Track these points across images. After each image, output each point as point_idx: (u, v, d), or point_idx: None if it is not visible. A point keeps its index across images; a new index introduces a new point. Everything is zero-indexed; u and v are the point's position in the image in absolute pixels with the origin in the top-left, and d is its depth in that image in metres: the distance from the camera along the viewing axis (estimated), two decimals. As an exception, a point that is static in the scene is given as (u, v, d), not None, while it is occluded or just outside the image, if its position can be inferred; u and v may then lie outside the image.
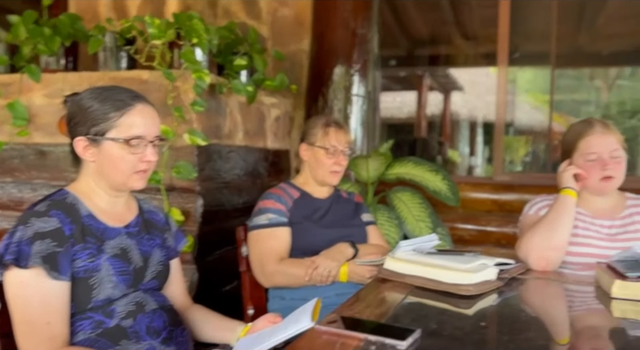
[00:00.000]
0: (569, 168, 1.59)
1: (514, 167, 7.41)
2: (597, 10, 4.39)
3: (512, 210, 2.34)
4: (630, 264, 1.29)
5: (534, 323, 1.09)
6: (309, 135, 1.83)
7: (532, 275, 1.45)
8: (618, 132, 1.58)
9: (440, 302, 1.16)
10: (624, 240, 1.54)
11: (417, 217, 2.17)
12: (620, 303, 1.19)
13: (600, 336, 1.03)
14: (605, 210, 1.61)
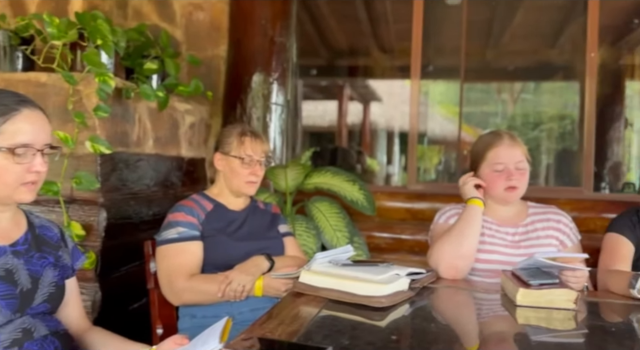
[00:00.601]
0: (470, 180, 1.65)
1: (428, 176, 7.71)
2: (503, 28, 4.69)
3: (425, 218, 2.40)
4: (532, 272, 1.35)
5: (444, 333, 1.10)
6: (224, 144, 1.76)
7: (442, 284, 1.49)
8: (523, 145, 1.67)
9: (354, 315, 1.15)
10: (527, 247, 1.61)
11: (334, 227, 2.16)
12: (523, 310, 1.24)
13: (506, 342, 1.06)
14: (509, 218, 1.68)
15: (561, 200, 2.29)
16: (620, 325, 1.22)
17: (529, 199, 1.74)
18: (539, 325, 1.18)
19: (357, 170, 5.81)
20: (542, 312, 1.22)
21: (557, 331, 1.15)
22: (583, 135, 2.53)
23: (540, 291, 1.24)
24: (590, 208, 2.39)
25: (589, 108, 2.52)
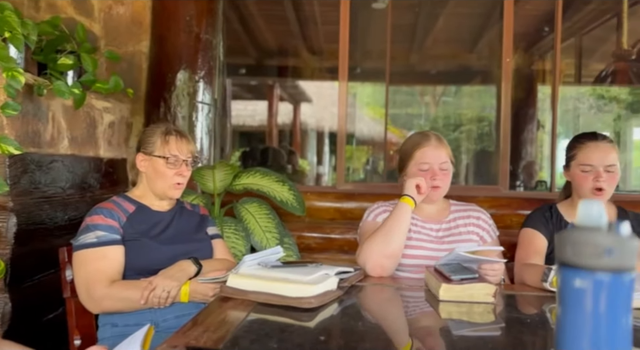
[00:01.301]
0: (413, 179, 1.66)
1: (357, 176, 7.85)
2: (426, 33, 4.86)
3: (354, 217, 2.44)
4: (454, 267, 1.40)
5: (371, 331, 1.12)
6: (147, 143, 1.69)
7: (369, 282, 1.51)
8: (448, 147, 1.73)
9: (283, 317, 1.14)
10: (450, 242, 1.68)
11: (264, 228, 2.14)
12: (446, 305, 1.28)
13: (431, 337, 1.09)
14: (433, 215, 1.75)
15: (480, 198, 2.41)
16: (535, 317, 1.29)
17: (452, 197, 1.82)
18: (461, 319, 1.23)
19: (288, 171, 5.80)
20: (464, 306, 1.27)
21: (477, 325, 1.20)
22: (499, 137, 2.67)
23: (461, 286, 1.30)
24: (506, 205, 2.53)
25: (504, 110, 2.66)
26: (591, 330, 0.53)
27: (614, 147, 1.68)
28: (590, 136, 1.72)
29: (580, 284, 0.53)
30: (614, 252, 0.52)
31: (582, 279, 0.53)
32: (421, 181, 1.64)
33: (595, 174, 1.65)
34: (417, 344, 1.03)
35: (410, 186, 1.64)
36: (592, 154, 1.67)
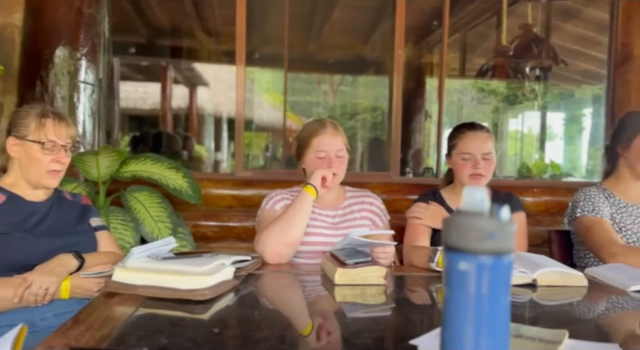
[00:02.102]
0: (321, 170, 1.66)
1: (257, 163, 7.79)
2: (323, 21, 4.91)
3: (252, 205, 2.42)
4: (348, 252, 1.43)
5: (267, 319, 1.11)
6: (19, 126, 1.51)
7: (267, 270, 1.50)
8: (344, 134, 1.76)
9: (175, 310, 1.09)
10: (345, 228, 1.72)
11: (156, 218, 2.03)
12: (341, 288, 1.31)
13: (327, 321, 1.11)
14: (329, 202, 1.77)
15: (373, 184, 2.50)
16: (421, 295, 1.36)
17: (347, 183, 1.86)
18: (355, 301, 1.26)
19: (184, 157, 5.58)
20: (357, 289, 1.30)
21: (370, 306, 1.24)
22: (391, 126, 2.78)
23: (355, 269, 1.33)
24: (397, 191, 2.65)
25: (396, 101, 2.77)
26: (474, 310, 0.56)
27: (490, 137, 1.82)
28: (469, 126, 1.84)
29: (464, 267, 0.56)
30: (496, 236, 0.54)
31: (467, 262, 0.56)
32: (328, 174, 1.66)
33: (474, 162, 1.77)
34: (310, 325, 1.04)
35: (316, 177, 1.65)
36: (471, 143, 1.79)
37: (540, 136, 6.30)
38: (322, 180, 1.66)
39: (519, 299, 1.34)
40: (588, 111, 6.75)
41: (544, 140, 6.34)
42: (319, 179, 1.65)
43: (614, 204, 1.88)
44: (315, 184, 1.64)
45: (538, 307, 1.28)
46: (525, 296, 1.35)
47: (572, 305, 1.31)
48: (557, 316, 1.21)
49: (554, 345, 0.89)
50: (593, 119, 5.92)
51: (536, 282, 1.39)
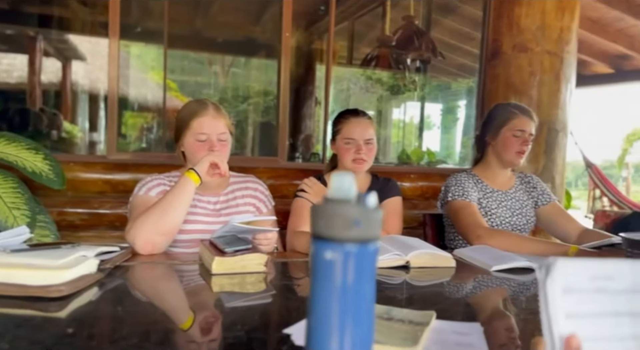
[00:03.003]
0: (210, 155, 1.54)
1: (140, 145, 7.35)
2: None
3: (127, 190, 2.24)
4: (228, 240, 1.38)
5: (135, 315, 1.02)
6: None
7: (138, 260, 1.39)
8: (227, 117, 1.67)
9: (25, 309, 0.96)
10: (227, 215, 1.65)
11: (10, 205, 1.80)
12: (219, 278, 1.25)
13: (203, 311, 1.05)
14: (211, 188, 1.69)
15: (260, 169, 2.45)
16: (302, 282, 1.35)
17: (233, 168, 1.79)
18: (233, 290, 1.22)
19: (53, 137, 5.08)
20: (236, 278, 1.25)
21: (249, 294, 1.20)
22: (279, 111, 2.74)
23: (234, 258, 1.28)
24: (284, 176, 2.63)
25: (283, 85, 2.74)
26: (339, 298, 0.54)
27: (371, 124, 1.87)
28: (353, 113, 1.88)
29: (331, 256, 0.53)
30: (362, 223, 0.53)
31: (333, 251, 0.53)
32: (220, 161, 1.54)
33: (356, 147, 1.81)
34: (191, 318, 0.98)
35: (203, 164, 1.52)
36: (354, 129, 1.83)
37: (419, 125, 6.67)
38: (213, 167, 1.55)
39: (393, 280, 1.38)
40: (462, 103, 7.27)
41: (423, 129, 6.73)
42: (206, 166, 1.53)
43: (481, 189, 2.03)
44: (200, 170, 1.52)
45: (411, 289, 1.33)
46: (399, 278, 1.39)
47: (441, 286, 1.38)
48: (428, 297, 1.26)
49: (422, 327, 0.92)
50: (466, 110, 6.39)
51: (409, 264, 1.45)
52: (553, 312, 0.57)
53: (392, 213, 1.87)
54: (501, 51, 2.90)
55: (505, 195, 2.04)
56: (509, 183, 2.09)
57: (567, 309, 0.58)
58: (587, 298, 0.59)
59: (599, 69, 6.89)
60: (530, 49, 2.77)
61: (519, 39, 2.79)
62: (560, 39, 2.78)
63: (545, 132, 2.81)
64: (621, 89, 18.94)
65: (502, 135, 2.00)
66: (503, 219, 1.98)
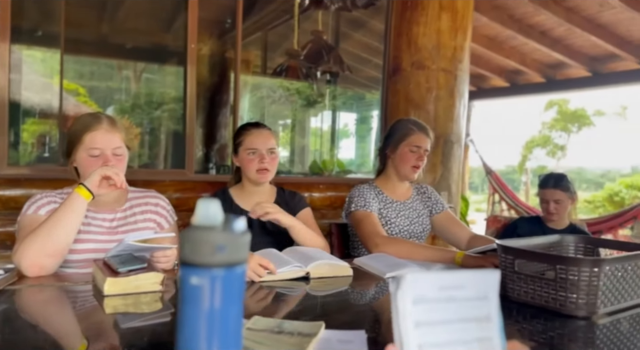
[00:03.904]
0: (102, 169, 1.47)
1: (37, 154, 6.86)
2: (117, 3, 4.55)
3: (18, 207, 2.11)
4: (124, 258, 1.35)
5: (13, 343, 0.97)
6: None
7: (25, 283, 1.33)
8: (123, 131, 1.63)
9: None
10: (125, 232, 1.61)
11: None
12: (111, 299, 1.22)
13: (97, 335, 1.02)
14: (107, 204, 1.64)
15: (166, 182, 2.40)
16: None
17: (137, 183, 1.74)
18: (127, 311, 1.19)
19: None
20: (130, 298, 1.23)
21: (145, 315, 1.18)
22: (185, 121, 2.71)
23: (127, 278, 1.25)
24: (191, 189, 2.60)
25: (190, 95, 2.71)
26: (207, 321, 0.56)
27: (273, 134, 1.93)
28: (254, 125, 1.94)
29: (197, 282, 0.56)
30: (226, 248, 0.55)
31: (199, 276, 0.56)
32: (113, 173, 1.47)
33: (259, 156, 1.86)
34: (84, 344, 0.95)
35: (93, 177, 1.45)
36: (256, 139, 1.88)
37: (331, 135, 6.83)
38: (105, 180, 1.49)
39: (294, 292, 1.42)
40: (375, 113, 7.55)
41: (335, 138, 6.90)
42: (97, 179, 1.46)
43: (382, 200, 2.13)
44: (91, 185, 1.46)
45: (309, 299, 1.37)
46: (299, 289, 1.44)
47: (338, 295, 1.44)
48: (324, 307, 1.32)
49: (309, 338, 0.96)
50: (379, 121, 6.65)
51: (309, 275, 1.50)
52: (403, 321, 0.63)
53: (309, 226, 1.93)
54: (401, 68, 3.07)
55: (404, 205, 2.16)
56: (406, 194, 2.21)
57: (417, 318, 0.64)
58: (437, 307, 0.66)
59: (497, 82, 7.46)
60: (427, 66, 2.96)
61: (417, 57, 2.98)
62: (454, 58, 3.00)
63: (442, 143, 3.01)
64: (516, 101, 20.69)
65: (400, 150, 2.12)
66: (402, 227, 2.10)
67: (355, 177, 3.96)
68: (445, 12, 2.95)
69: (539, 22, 5.40)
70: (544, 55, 6.12)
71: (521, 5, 5.03)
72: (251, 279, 1.42)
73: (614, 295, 1.24)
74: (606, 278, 1.20)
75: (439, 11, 2.95)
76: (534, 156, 24.12)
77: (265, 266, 1.43)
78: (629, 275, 1.27)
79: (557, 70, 6.56)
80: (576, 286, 1.19)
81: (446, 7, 2.94)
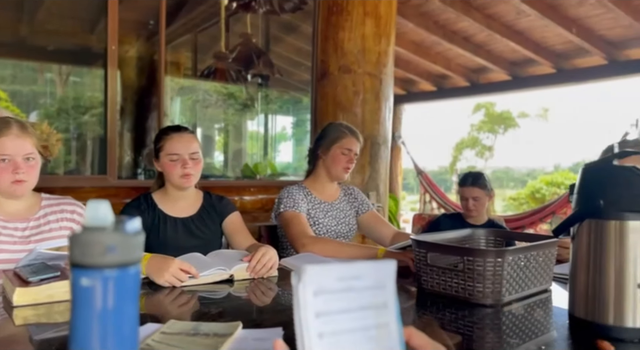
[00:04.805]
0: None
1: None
2: (37, 4, 4.34)
3: None
4: (36, 268, 1.30)
5: None
6: None
7: None
8: (35, 135, 1.57)
9: None
10: (38, 241, 1.54)
11: None
12: (21, 310, 1.17)
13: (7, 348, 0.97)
14: (19, 213, 1.57)
15: (87, 189, 2.32)
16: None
17: (53, 190, 1.67)
18: (40, 322, 1.15)
19: None
20: (41, 308, 1.18)
21: (60, 324, 1.14)
22: (107, 126, 2.63)
23: (39, 287, 1.21)
24: (114, 195, 2.52)
25: (111, 98, 2.63)
26: (100, 323, 0.56)
27: (195, 138, 1.89)
28: (175, 129, 1.89)
29: (87, 283, 0.55)
30: (117, 248, 0.55)
31: (89, 277, 0.55)
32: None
33: (182, 162, 1.81)
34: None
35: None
36: (177, 144, 1.83)
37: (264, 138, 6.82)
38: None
39: (217, 295, 1.42)
40: (310, 116, 7.60)
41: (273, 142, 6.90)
42: None
43: (310, 201, 2.17)
44: None
45: (231, 301, 1.37)
46: (223, 292, 1.44)
47: (260, 296, 1.45)
48: (245, 308, 1.32)
49: (225, 338, 0.97)
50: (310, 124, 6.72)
51: (233, 278, 1.50)
52: (304, 312, 0.65)
53: (239, 230, 1.92)
54: (329, 72, 3.13)
55: (331, 206, 2.21)
56: (334, 195, 2.26)
57: (318, 308, 0.66)
58: (337, 297, 0.68)
59: (425, 86, 7.74)
60: (354, 70, 3.04)
61: (343, 61, 3.05)
62: (378, 62, 3.10)
63: (369, 145, 3.10)
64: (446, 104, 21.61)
65: (332, 151, 2.17)
66: (329, 227, 2.14)
67: (287, 179, 3.99)
68: (369, 18, 3.04)
69: (462, 28, 5.67)
70: (468, 60, 6.43)
71: (444, 12, 5.26)
72: (172, 285, 1.40)
73: (517, 283, 1.33)
74: (510, 267, 1.29)
75: (363, 17, 3.03)
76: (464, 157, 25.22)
77: (186, 270, 1.41)
78: (531, 264, 1.37)
79: (480, 75, 6.90)
80: (482, 276, 1.27)
81: (370, 13, 3.03)
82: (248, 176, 4.01)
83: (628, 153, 1.16)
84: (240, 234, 1.90)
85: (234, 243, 1.90)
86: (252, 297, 1.44)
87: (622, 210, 1.03)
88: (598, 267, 1.06)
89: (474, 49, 6.00)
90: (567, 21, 5.00)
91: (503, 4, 4.95)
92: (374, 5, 3.07)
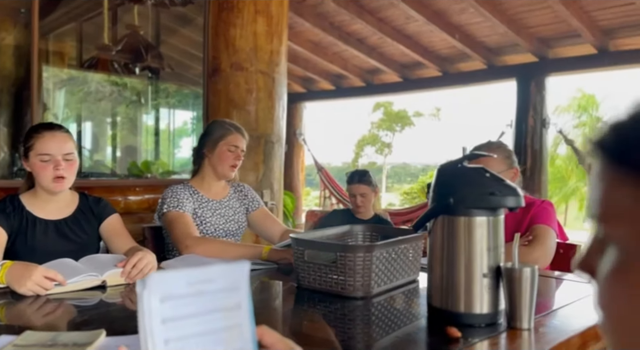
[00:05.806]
0: None
1: None
2: None
3: None
4: None
5: None
6: None
7: None
8: None
9: None
10: None
11: None
12: None
13: None
14: None
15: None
16: None
17: None
18: None
19: None
20: None
21: None
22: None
23: None
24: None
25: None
26: None
27: (70, 137, 1.76)
28: (47, 126, 1.75)
29: None
30: None
31: None
32: None
33: (54, 163, 1.68)
34: None
35: None
36: (49, 143, 1.69)
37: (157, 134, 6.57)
38: None
39: (87, 302, 1.36)
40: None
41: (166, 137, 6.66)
42: None
43: (197, 199, 2.13)
44: None
45: (100, 308, 1.32)
46: (94, 299, 1.38)
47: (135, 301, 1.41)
48: (114, 314, 1.28)
49: (84, 347, 0.93)
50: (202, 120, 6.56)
51: (106, 283, 1.44)
52: (149, 320, 0.65)
53: (119, 233, 1.83)
54: (220, 69, 3.08)
55: (220, 204, 2.19)
56: (223, 192, 2.24)
57: (164, 314, 0.66)
58: (185, 302, 0.69)
59: (324, 85, 7.90)
60: (246, 68, 3.03)
61: (235, 58, 3.02)
62: (271, 61, 3.11)
63: (263, 144, 3.11)
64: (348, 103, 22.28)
65: (218, 149, 2.14)
66: (217, 226, 2.12)
67: (179, 177, 3.88)
68: (260, 16, 3.04)
69: (356, 31, 5.86)
70: (363, 61, 6.66)
71: (339, 14, 5.40)
72: (36, 293, 1.32)
73: (386, 275, 1.42)
74: (378, 261, 1.37)
75: (255, 15, 3.03)
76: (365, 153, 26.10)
77: (52, 278, 1.33)
78: (399, 257, 1.46)
79: (374, 75, 7.18)
80: (353, 270, 1.34)
81: (261, 11, 3.04)
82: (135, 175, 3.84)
83: (477, 155, 1.28)
84: (120, 237, 1.82)
85: (112, 247, 1.81)
86: (127, 302, 1.39)
87: (469, 207, 1.14)
88: (450, 259, 1.16)
89: (367, 51, 6.23)
90: (451, 27, 5.36)
91: (393, 9, 5.18)
92: (265, 4, 3.08)
